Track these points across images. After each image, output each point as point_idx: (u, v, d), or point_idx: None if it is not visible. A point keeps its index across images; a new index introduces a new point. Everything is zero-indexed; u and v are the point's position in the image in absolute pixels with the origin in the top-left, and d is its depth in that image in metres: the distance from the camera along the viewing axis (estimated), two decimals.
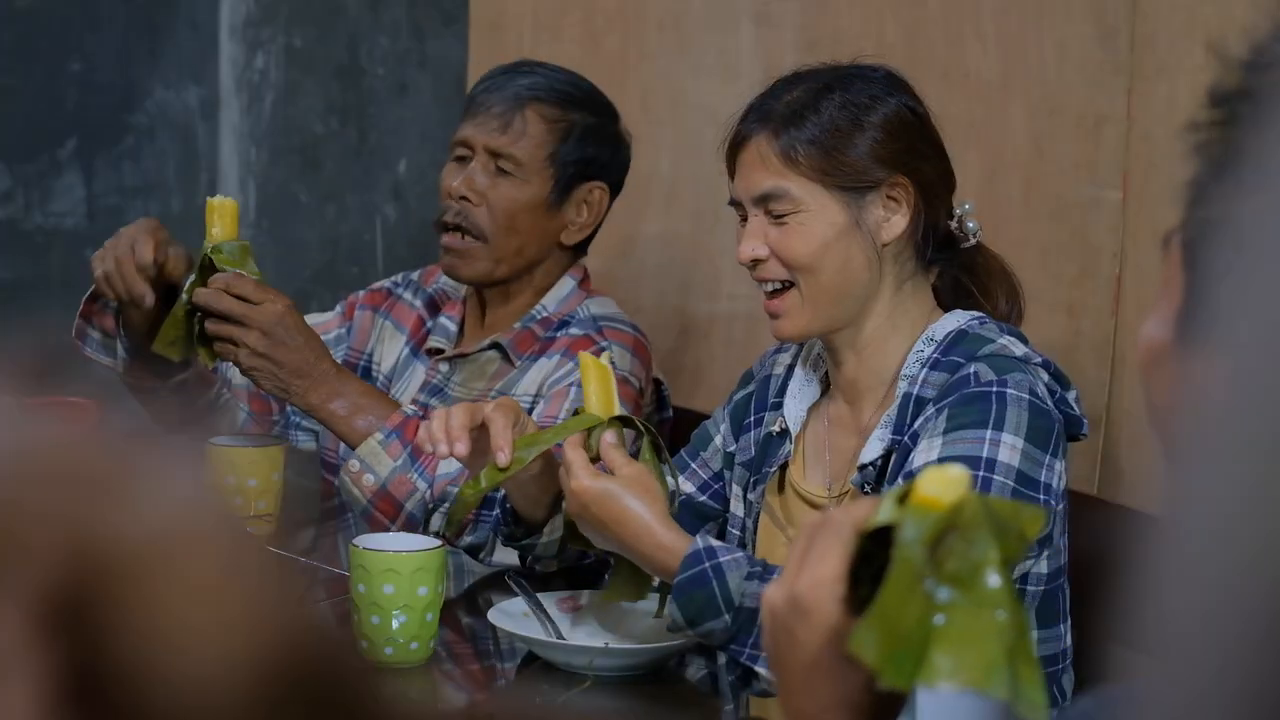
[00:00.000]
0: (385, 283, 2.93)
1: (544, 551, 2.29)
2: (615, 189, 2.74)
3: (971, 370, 2.08)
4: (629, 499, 2.04)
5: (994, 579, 1.07)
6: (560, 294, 2.72)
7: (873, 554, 1.11)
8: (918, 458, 2.06)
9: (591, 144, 2.68)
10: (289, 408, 2.84)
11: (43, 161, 4.09)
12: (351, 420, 2.55)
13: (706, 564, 1.99)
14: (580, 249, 2.75)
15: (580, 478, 2.04)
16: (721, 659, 2.15)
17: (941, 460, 2.03)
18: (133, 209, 4.17)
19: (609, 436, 2.08)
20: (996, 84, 2.62)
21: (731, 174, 2.18)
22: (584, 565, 2.38)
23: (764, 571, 2.00)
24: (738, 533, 2.28)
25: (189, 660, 0.55)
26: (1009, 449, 2.03)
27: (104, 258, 2.58)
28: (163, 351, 2.58)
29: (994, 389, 2.05)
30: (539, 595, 2.15)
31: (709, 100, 3.13)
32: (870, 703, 1.11)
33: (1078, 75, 2.49)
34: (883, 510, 1.10)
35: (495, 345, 2.70)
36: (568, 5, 3.41)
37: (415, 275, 2.91)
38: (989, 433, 2.03)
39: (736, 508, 2.29)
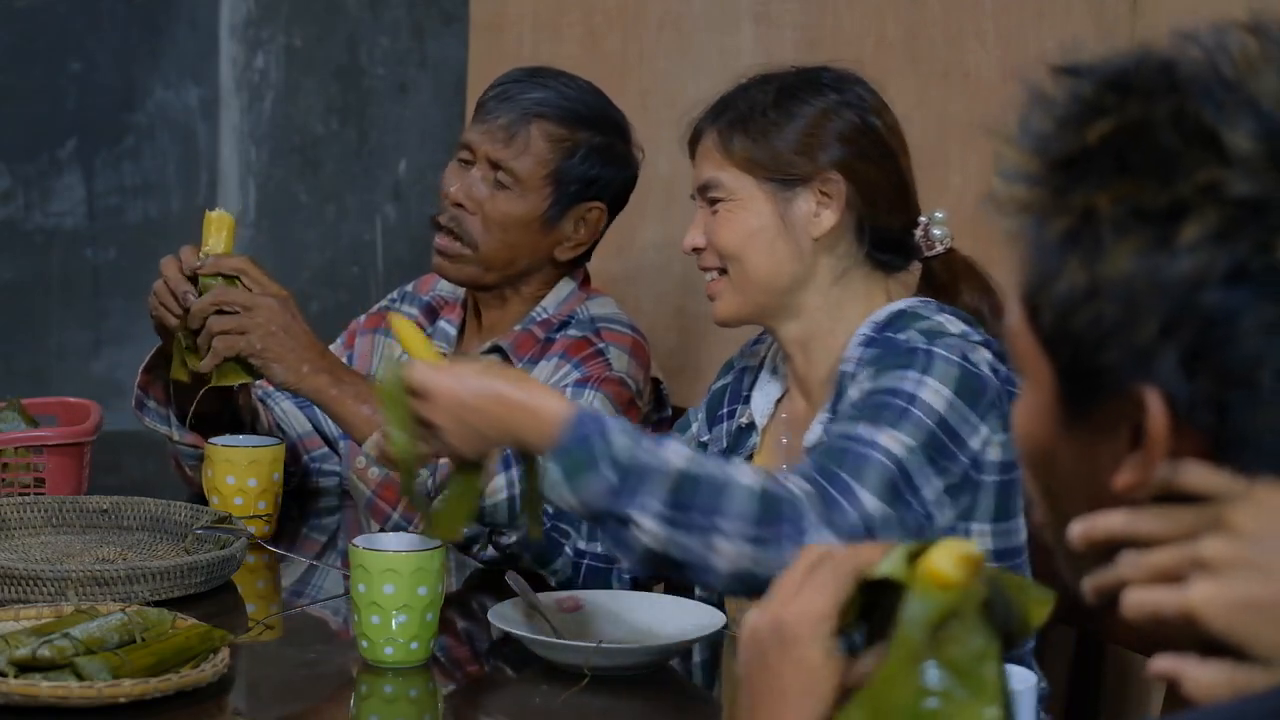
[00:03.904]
0: (383, 302, 2.93)
1: (493, 517, 2.28)
2: (615, 207, 2.73)
3: (902, 337, 2.12)
4: (494, 375, 1.99)
5: (993, 673, 1.06)
6: (560, 295, 2.72)
7: (863, 596, 1.10)
8: (847, 401, 2.09)
9: (596, 164, 2.67)
10: (305, 457, 2.83)
11: (43, 161, 4.09)
12: (358, 406, 2.54)
13: (592, 424, 1.94)
14: (576, 262, 2.74)
15: (437, 374, 1.98)
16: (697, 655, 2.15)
17: (869, 394, 2.07)
18: (133, 209, 4.17)
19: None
20: (996, 84, 2.62)
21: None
22: (584, 569, 2.38)
23: (656, 437, 1.98)
24: None
25: None
26: (934, 393, 2.06)
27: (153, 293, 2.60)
28: (177, 376, 2.59)
29: (923, 346, 2.09)
30: (538, 595, 2.15)
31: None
32: None
33: None
34: (888, 562, 1.09)
35: (496, 348, 2.70)
36: (568, 5, 3.41)
37: (409, 287, 2.91)
38: (916, 374, 2.07)
39: None
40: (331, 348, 2.86)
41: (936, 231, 2.22)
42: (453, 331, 2.80)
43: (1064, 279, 1.02)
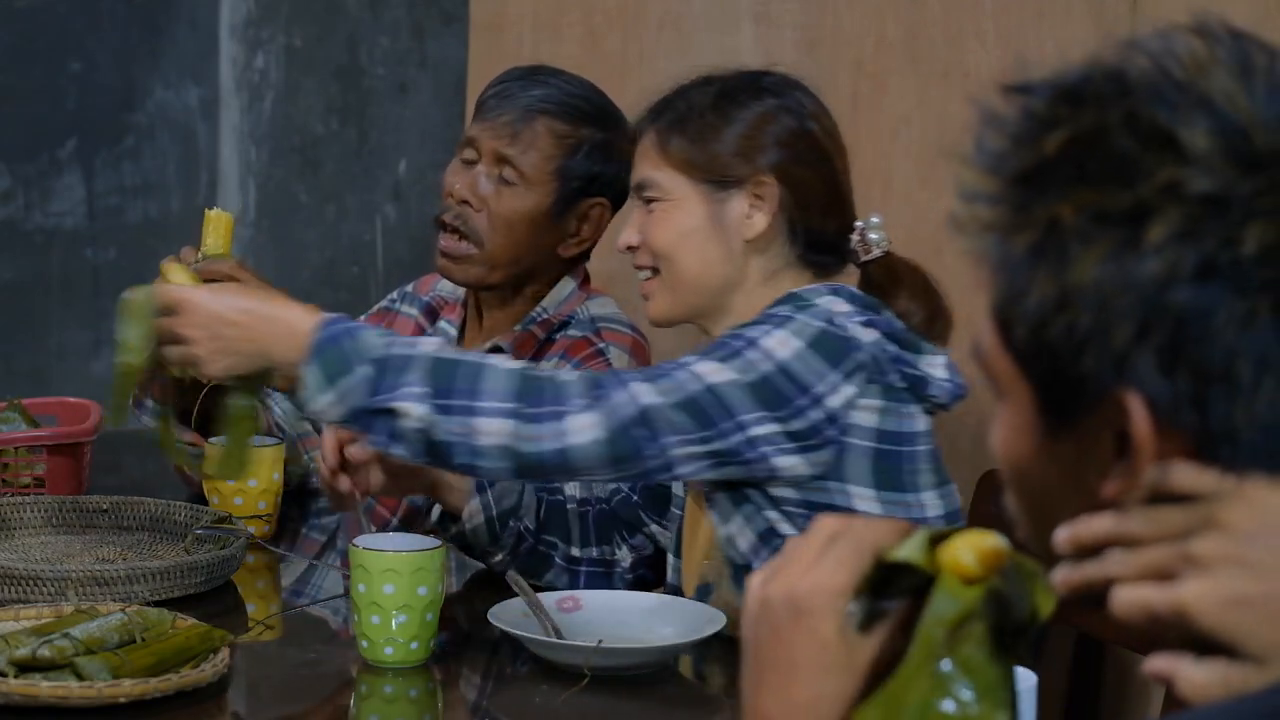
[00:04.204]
0: (383, 301, 2.93)
1: (474, 539, 2.31)
2: (618, 203, 2.73)
3: (773, 309, 2.14)
4: (246, 293, 2.09)
5: (1002, 673, 1.06)
6: (560, 295, 2.72)
7: (873, 572, 1.10)
8: None
9: (599, 161, 2.67)
10: (305, 456, 2.82)
11: (43, 161, 4.09)
12: None
13: (340, 327, 2.03)
14: (577, 260, 2.74)
15: (191, 291, 2.08)
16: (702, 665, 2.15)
17: (717, 344, 2.09)
18: (133, 209, 4.17)
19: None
20: (996, 84, 2.62)
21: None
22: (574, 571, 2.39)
23: (397, 338, 2.04)
24: (679, 512, 2.33)
25: None
26: (779, 342, 2.08)
27: None
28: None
29: (786, 313, 2.11)
30: (538, 595, 2.16)
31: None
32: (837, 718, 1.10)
33: None
34: (908, 546, 1.09)
35: (496, 349, 2.70)
36: (568, 5, 3.41)
37: (409, 287, 2.91)
38: (767, 327, 2.10)
39: (677, 487, 2.33)
40: None
41: (873, 236, 2.23)
42: (453, 331, 2.80)
43: (1034, 293, 1.02)
